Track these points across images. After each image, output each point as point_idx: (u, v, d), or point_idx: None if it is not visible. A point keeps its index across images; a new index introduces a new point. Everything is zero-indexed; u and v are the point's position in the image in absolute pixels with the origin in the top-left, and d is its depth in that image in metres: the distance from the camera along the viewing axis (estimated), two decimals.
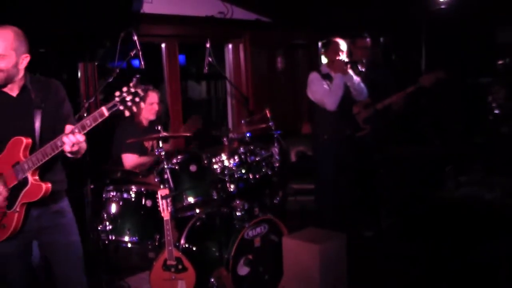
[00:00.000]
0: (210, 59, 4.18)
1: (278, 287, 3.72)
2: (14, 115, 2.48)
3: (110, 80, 3.73)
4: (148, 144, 4.15)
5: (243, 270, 3.56)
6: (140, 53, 3.69)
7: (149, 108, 4.07)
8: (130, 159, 3.97)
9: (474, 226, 4.54)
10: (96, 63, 4.43)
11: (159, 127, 3.53)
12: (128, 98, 2.20)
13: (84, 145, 2.46)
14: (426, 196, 5.30)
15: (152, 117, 4.10)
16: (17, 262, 2.58)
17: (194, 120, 4.27)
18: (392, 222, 4.79)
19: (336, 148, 4.29)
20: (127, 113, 2.25)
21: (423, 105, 6.16)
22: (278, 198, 4.68)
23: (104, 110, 2.23)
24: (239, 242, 3.49)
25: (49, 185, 2.41)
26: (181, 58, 6.42)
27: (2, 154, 2.43)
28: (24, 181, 2.39)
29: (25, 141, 2.39)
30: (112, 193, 3.51)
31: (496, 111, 5.39)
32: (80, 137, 2.27)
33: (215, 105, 7.39)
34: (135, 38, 3.66)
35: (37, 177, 2.41)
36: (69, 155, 2.37)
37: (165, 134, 3.59)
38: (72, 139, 2.26)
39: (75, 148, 2.30)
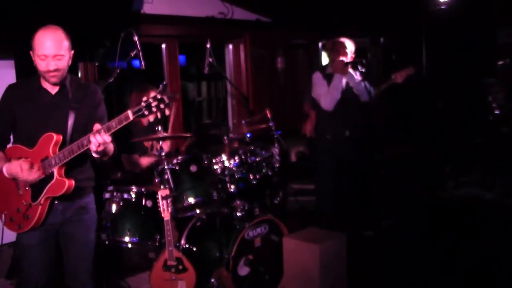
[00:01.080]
0: (210, 59, 4.18)
1: (278, 287, 3.72)
2: (50, 112, 2.54)
3: (111, 80, 3.73)
4: (147, 144, 4.15)
5: (243, 271, 3.56)
6: (141, 53, 3.68)
7: None
8: (143, 159, 3.99)
9: (474, 226, 4.55)
10: (96, 63, 4.43)
11: (159, 127, 3.53)
12: (154, 104, 2.23)
13: (111, 147, 2.51)
14: (426, 196, 5.31)
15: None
16: (38, 255, 2.61)
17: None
18: (392, 222, 4.79)
19: (336, 148, 4.29)
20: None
21: (423, 105, 6.18)
22: (278, 198, 4.68)
23: (130, 113, 2.27)
24: (239, 242, 3.49)
25: (72, 182, 2.47)
26: (182, 58, 6.42)
27: (34, 148, 2.49)
28: (50, 176, 2.46)
29: (56, 137, 2.45)
30: (112, 193, 3.51)
31: (496, 112, 5.40)
32: (107, 138, 2.31)
33: (215, 105, 7.38)
34: (136, 38, 3.66)
35: (62, 173, 2.47)
36: (95, 155, 2.40)
37: (164, 134, 3.59)
38: (99, 139, 2.30)
39: (100, 148, 2.33)
